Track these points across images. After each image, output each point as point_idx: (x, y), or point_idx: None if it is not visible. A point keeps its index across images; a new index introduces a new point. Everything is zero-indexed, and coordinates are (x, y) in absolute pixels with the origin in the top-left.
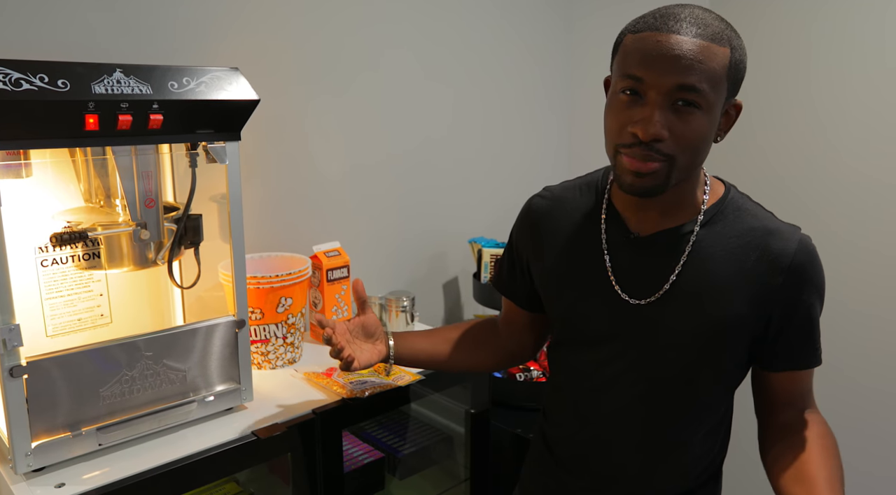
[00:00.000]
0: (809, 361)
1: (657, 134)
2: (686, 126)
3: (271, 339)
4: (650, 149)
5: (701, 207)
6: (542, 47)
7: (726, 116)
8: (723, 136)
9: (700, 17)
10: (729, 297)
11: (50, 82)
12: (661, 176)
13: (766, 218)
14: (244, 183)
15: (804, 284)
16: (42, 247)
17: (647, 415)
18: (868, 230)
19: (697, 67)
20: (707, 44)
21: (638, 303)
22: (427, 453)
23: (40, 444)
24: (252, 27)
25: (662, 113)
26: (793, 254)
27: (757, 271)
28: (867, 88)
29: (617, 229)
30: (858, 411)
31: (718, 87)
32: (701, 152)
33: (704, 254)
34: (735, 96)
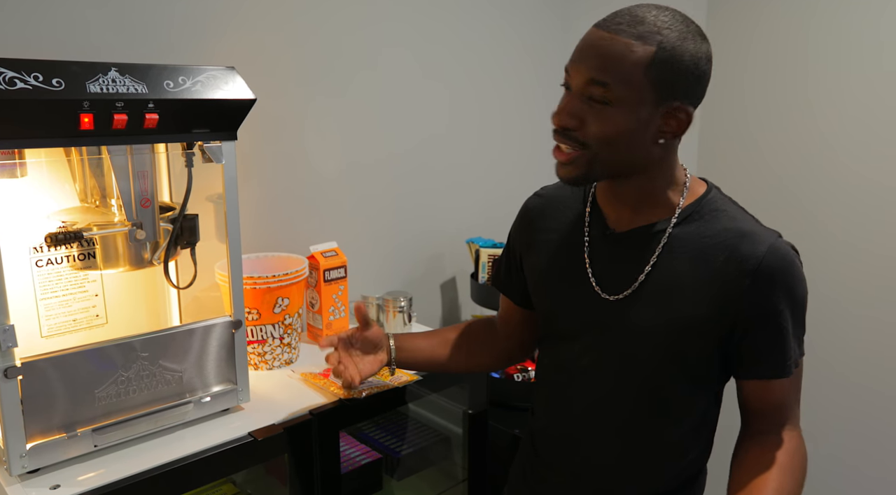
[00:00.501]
0: (776, 371)
1: (563, 123)
2: (596, 118)
3: (268, 340)
4: (564, 136)
5: (677, 205)
6: (539, 47)
7: (669, 118)
8: (669, 138)
9: (638, 16)
10: (694, 297)
11: (44, 81)
12: (581, 164)
13: (744, 220)
14: (241, 183)
15: (772, 290)
16: (37, 247)
17: (616, 412)
18: (865, 231)
19: (607, 63)
20: (626, 40)
21: (609, 298)
22: (425, 454)
23: (35, 446)
24: (248, 26)
25: (575, 103)
26: (761, 257)
27: (724, 272)
28: (865, 90)
29: (598, 226)
30: (854, 412)
31: (633, 84)
32: (622, 147)
33: (676, 252)
34: (684, 100)
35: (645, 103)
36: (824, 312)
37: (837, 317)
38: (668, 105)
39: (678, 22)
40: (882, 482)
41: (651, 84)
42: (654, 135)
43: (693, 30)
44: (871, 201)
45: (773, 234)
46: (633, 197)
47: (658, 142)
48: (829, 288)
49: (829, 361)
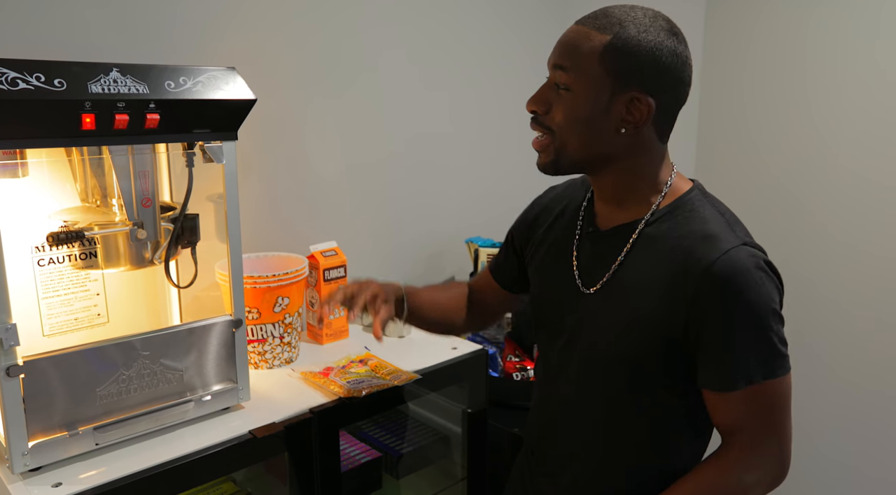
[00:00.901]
0: (720, 384)
1: (532, 107)
2: (559, 104)
3: (268, 339)
4: (534, 121)
5: (653, 204)
6: (538, 48)
7: (630, 108)
8: (631, 129)
9: (609, 11)
10: (651, 296)
11: (46, 81)
12: (550, 152)
13: (715, 223)
14: (241, 182)
15: (716, 298)
16: (39, 246)
17: (589, 408)
18: (863, 231)
19: (567, 50)
20: (586, 30)
21: (584, 292)
22: (424, 452)
23: (37, 444)
24: (249, 27)
25: (544, 90)
26: (711, 262)
27: (677, 273)
28: (863, 90)
29: (587, 222)
30: (853, 412)
31: (588, 70)
32: (582, 133)
33: (644, 251)
34: (643, 90)
35: (601, 90)
36: (823, 312)
37: (836, 317)
38: (625, 94)
39: (646, 17)
40: (882, 483)
41: (606, 72)
42: (615, 124)
43: (660, 26)
44: (870, 201)
45: (736, 240)
46: (611, 193)
47: (620, 132)
48: (826, 288)
49: (827, 362)
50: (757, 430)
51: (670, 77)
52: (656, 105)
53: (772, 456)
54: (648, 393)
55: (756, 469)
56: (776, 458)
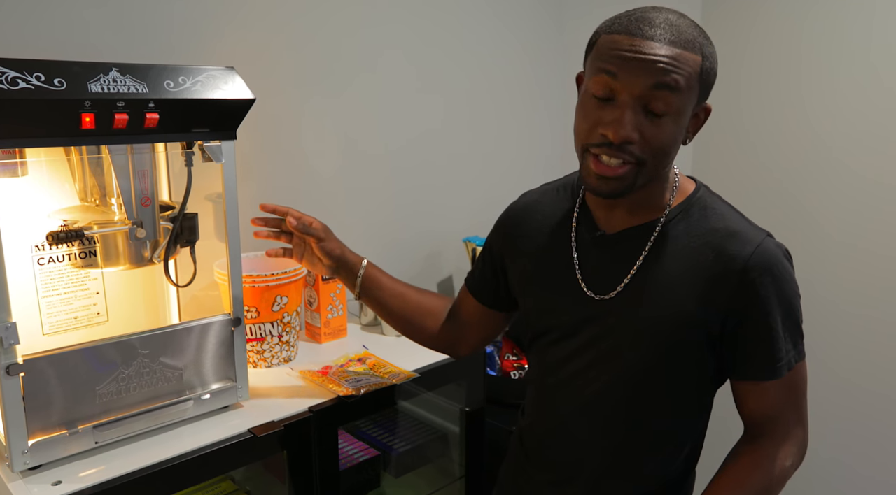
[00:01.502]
0: (766, 372)
1: (627, 136)
2: (656, 130)
3: (267, 338)
4: (620, 150)
5: (667, 204)
6: (535, 48)
7: (695, 119)
8: (691, 138)
9: (674, 24)
10: (682, 296)
11: (46, 81)
12: (629, 178)
13: (733, 219)
14: (240, 182)
15: (758, 290)
16: (38, 245)
17: (604, 413)
18: (861, 229)
19: (670, 73)
20: (679, 51)
21: (600, 298)
22: (422, 451)
23: (37, 442)
24: (248, 27)
25: (633, 115)
26: (748, 256)
27: (711, 271)
28: (859, 89)
29: (587, 228)
30: (851, 412)
31: (689, 92)
32: (669, 155)
33: (664, 251)
34: (705, 100)
35: (690, 109)
36: (818, 310)
37: (833, 316)
38: (698, 107)
39: (696, 27)
40: (883, 485)
41: (699, 90)
42: (684, 136)
43: (705, 33)
44: (867, 200)
45: (762, 234)
46: (633, 199)
47: (684, 143)
48: (824, 287)
49: (825, 361)
50: (789, 416)
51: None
52: None
53: (800, 438)
54: (668, 395)
55: (792, 455)
56: (803, 439)
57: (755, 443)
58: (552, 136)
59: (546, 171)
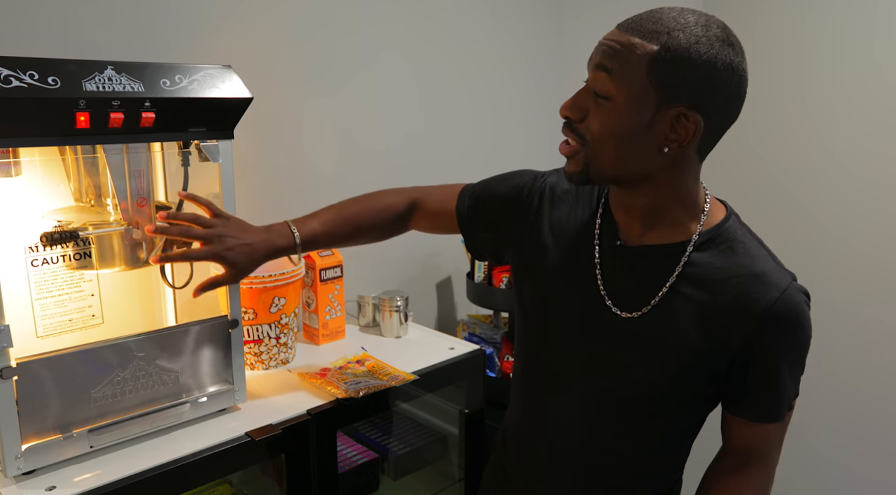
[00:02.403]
0: (766, 416)
1: (566, 111)
2: (598, 111)
3: (264, 339)
4: (569, 127)
5: (696, 229)
6: (533, 47)
7: (675, 126)
8: (675, 148)
9: (657, 16)
10: (700, 327)
11: (40, 79)
12: (580, 161)
13: (759, 257)
14: (237, 182)
15: (776, 337)
16: (32, 246)
17: (598, 426)
18: (860, 229)
19: (612, 54)
20: (630, 38)
21: (625, 315)
22: (421, 453)
23: (31, 447)
24: (245, 25)
25: (581, 95)
26: (771, 302)
27: (732, 309)
28: (860, 89)
29: (609, 234)
30: (848, 412)
31: (633, 81)
32: (619, 147)
33: (689, 279)
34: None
35: (646, 104)
36: (819, 311)
37: (831, 316)
38: (671, 109)
39: (698, 25)
40: (879, 485)
41: (652, 84)
42: (658, 141)
43: (714, 35)
44: (867, 200)
45: (787, 278)
46: (642, 210)
47: (663, 151)
48: (823, 286)
49: (821, 361)
50: (773, 449)
51: (725, 94)
52: (705, 123)
53: (774, 468)
54: (664, 415)
55: (771, 481)
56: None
57: (740, 472)
58: (550, 136)
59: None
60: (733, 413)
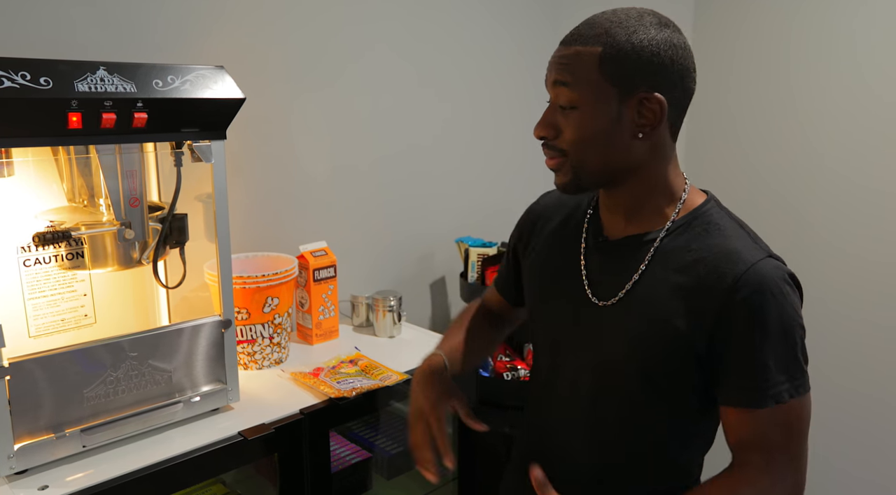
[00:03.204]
0: (747, 400)
1: (539, 132)
2: (567, 121)
3: (258, 339)
4: (546, 146)
5: (671, 216)
6: (529, 48)
7: (642, 110)
8: (648, 132)
9: (591, 21)
10: (673, 310)
11: (32, 80)
12: (566, 171)
13: (735, 236)
14: (230, 182)
15: (747, 313)
16: (25, 246)
17: (595, 419)
18: (851, 232)
19: (564, 68)
20: (574, 48)
21: (602, 304)
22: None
23: (23, 446)
24: (238, 25)
25: (550, 113)
26: (738, 275)
27: (702, 288)
28: (849, 91)
29: (594, 232)
30: (839, 413)
31: (590, 84)
32: (599, 147)
33: (661, 264)
34: (650, 89)
35: (608, 101)
36: (812, 313)
37: (824, 318)
38: (633, 97)
39: (631, 17)
40: (870, 485)
41: (607, 81)
42: (630, 129)
43: (648, 21)
44: (857, 203)
45: (762, 254)
46: (625, 205)
47: (637, 137)
48: (815, 288)
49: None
50: (775, 452)
51: (674, 69)
52: (668, 101)
53: (787, 481)
54: (657, 406)
55: (777, 486)
56: (791, 484)
57: (733, 471)
58: None
59: (540, 171)
60: (720, 402)
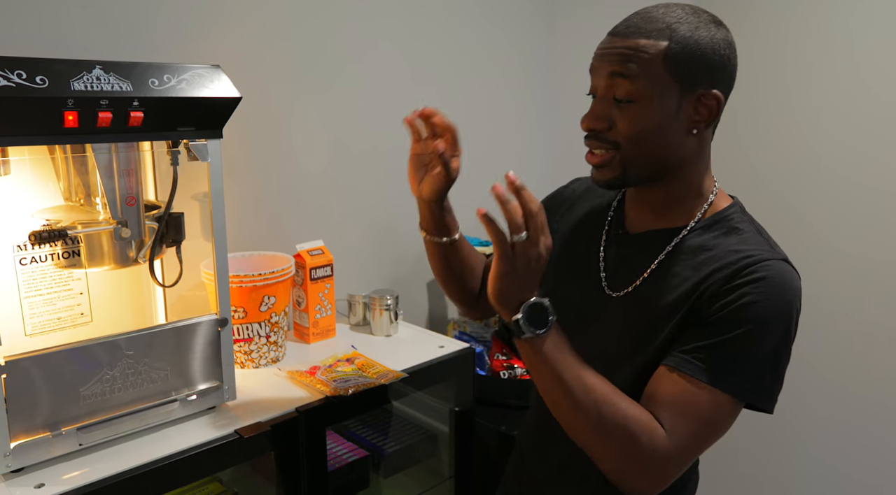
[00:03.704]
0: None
1: (591, 124)
2: (624, 115)
3: (254, 338)
4: (596, 138)
5: (696, 215)
6: (525, 47)
7: (698, 107)
8: (702, 128)
9: (649, 15)
10: (681, 305)
11: (28, 79)
12: (615, 166)
13: (752, 241)
14: (226, 181)
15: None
16: (21, 245)
17: None
18: (848, 231)
19: (624, 62)
20: (637, 40)
21: (616, 295)
22: (411, 451)
23: (19, 445)
24: (234, 24)
25: (603, 105)
26: (748, 264)
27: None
28: (846, 91)
29: (616, 224)
30: (835, 413)
31: (651, 78)
32: (654, 142)
33: (675, 261)
34: (709, 86)
35: (669, 96)
36: (808, 312)
37: (821, 317)
38: (694, 93)
39: (689, 14)
40: (863, 485)
41: (671, 76)
42: (686, 125)
43: (705, 19)
44: (854, 202)
45: (776, 255)
46: (657, 201)
47: (692, 133)
48: (812, 287)
49: (811, 362)
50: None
51: (729, 68)
52: (723, 97)
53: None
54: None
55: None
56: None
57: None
58: (542, 135)
59: (536, 169)
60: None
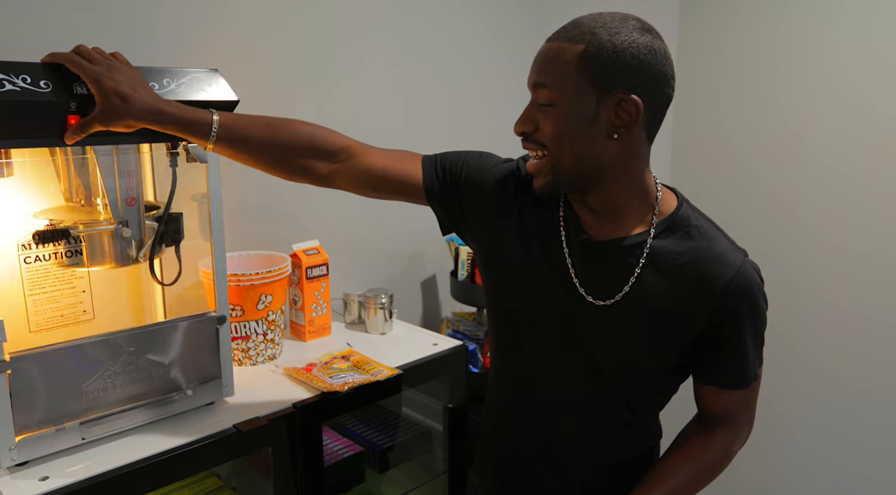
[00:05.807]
0: (733, 383)
1: (519, 127)
2: (546, 120)
3: (251, 336)
4: (527, 140)
5: (652, 218)
6: (515, 50)
7: (618, 111)
8: (623, 133)
9: (577, 21)
10: (666, 312)
11: (32, 83)
12: (546, 172)
13: (715, 238)
14: (224, 182)
15: (737, 309)
16: (25, 244)
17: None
18: (840, 225)
19: (544, 67)
20: (558, 44)
21: (600, 304)
22: (406, 447)
23: (24, 439)
24: (232, 29)
25: (529, 110)
26: (729, 279)
27: (694, 290)
28: (833, 89)
29: (574, 230)
30: (828, 403)
31: (569, 82)
32: (575, 144)
33: (653, 266)
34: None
35: (586, 99)
36: (803, 307)
37: (815, 310)
38: (611, 97)
39: (615, 20)
40: (856, 474)
41: (586, 80)
42: (606, 129)
43: (631, 26)
44: (845, 196)
45: (741, 255)
46: (602, 206)
47: (613, 137)
48: (805, 281)
49: (804, 353)
50: (743, 414)
51: (652, 73)
52: (644, 103)
53: (748, 429)
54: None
55: (739, 442)
56: (749, 429)
57: (709, 431)
58: None
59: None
60: (705, 383)
